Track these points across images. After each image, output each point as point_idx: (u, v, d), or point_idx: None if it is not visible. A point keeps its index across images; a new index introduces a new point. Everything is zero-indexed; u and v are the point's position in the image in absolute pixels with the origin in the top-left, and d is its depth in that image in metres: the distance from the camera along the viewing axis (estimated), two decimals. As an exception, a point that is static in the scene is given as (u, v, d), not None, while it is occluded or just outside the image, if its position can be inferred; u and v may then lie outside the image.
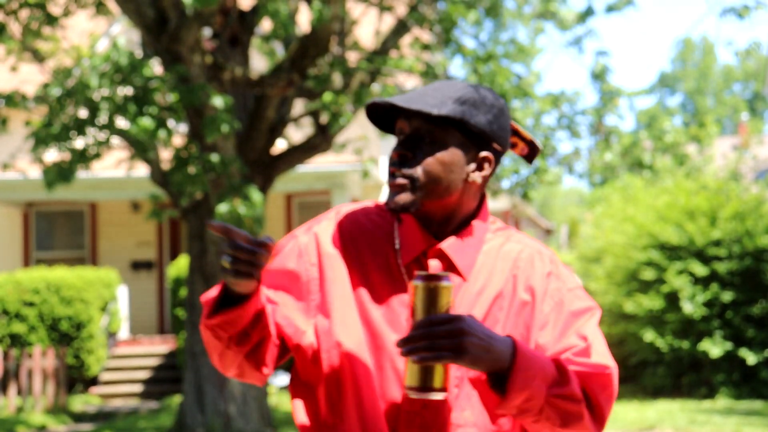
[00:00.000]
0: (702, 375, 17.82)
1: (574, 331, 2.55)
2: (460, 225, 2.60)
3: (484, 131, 2.56)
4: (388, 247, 2.61)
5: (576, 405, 2.42)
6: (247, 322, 2.48)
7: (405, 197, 2.51)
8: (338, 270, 2.60)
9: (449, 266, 2.56)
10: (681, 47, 68.43)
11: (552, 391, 2.39)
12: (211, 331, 2.49)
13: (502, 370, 2.35)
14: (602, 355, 2.52)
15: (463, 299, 2.54)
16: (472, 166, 2.57)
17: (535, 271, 2.59)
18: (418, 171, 2.51)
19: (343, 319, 2.55)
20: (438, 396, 2.34)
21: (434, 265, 2.53)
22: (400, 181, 2.51)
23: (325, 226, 2.66)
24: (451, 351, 2.27)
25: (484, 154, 2.58)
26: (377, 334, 2.53)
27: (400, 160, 2.52)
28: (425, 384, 2.33)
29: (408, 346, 2.29)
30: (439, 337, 2.27)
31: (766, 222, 18.08)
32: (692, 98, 67.77)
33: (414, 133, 2.54)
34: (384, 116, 2.64)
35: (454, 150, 2.54)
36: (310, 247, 2.64)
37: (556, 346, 2.53)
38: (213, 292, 2.48)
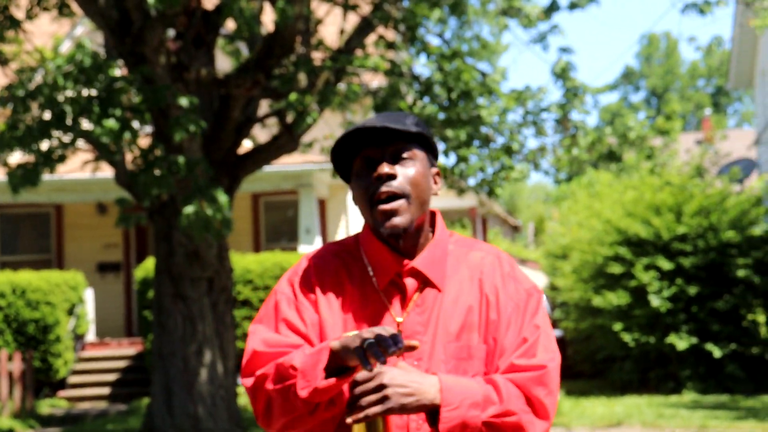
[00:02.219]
0: (669, 369, 17.94)
1: (526, 331, 2.71)
2: (423, 240, 2.75)
3: (436, 149, 2.77)
4: (364, 276, 2.75)
5: (512, 418, 2.59)
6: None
7: (403, 218, 2.66)
8: (321, 312, 2.74)
9: (424, 281, 2.71)
10: (645, 43, 68.71)
11: (487, 413, 2.56)
12: (309, 396, 2.56)
13: (435, 408, 2.53)
14: (544, 351, 2.69)
15: (442, 309, 2.71)
16: (431, 181, 2.76)
17: (496, 274, 2.77)
18: (407, 187, 2.66)
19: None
20: None
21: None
22: (397, 203, 2.65)
23: (297, 279, 2.80)
24: (378, 403, 2.47)
25: (435, 170, 2.79)
26: None
27: (387, 178, 2.65)
28: None
29: (346, 411, 2.51)
30: (364, 395, 2.48)
31: (729, 217, 18.22)
32: (656, 94, 68.09)
33: (394, 152, 2.68)
34: (343, 154, 2.76)
35: (425, 166, 2.72)
36: (298, 297, 2.77)
37: (513, 349, 2.70)
38: (310, 359, 2.57)
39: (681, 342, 17.43)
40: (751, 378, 17.69)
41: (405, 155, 2.68)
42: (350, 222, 22.09)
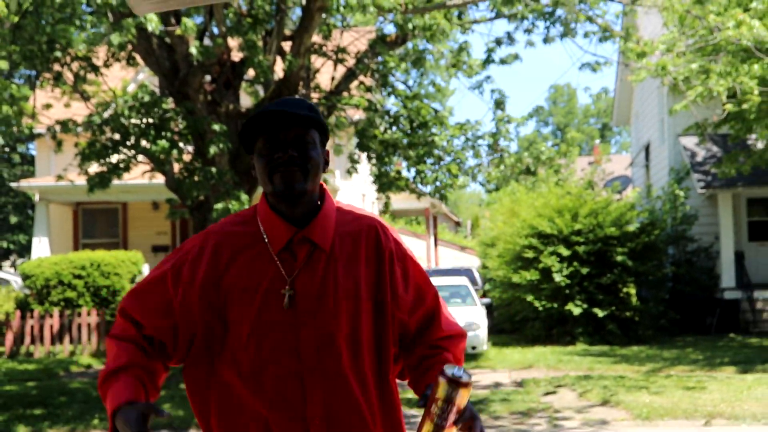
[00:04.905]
0: (566, 328, 17.96)
1: (428, 293, 2.44)
2: (312, 208, 2.38)
3: (327, 132, 2.42)
4: (258, 243, 2.35)
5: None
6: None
7: (300, 185, 2.31)
8: (206, 274, 2.34)
9: (313, 246, 2.34)
10: (552, 91, 68.99)
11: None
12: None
13: None
14: (448, 315, 2.48)
15: (327, 266, 2.33)
16: (323, 159, 2.39)
17: (379, 236, 2.40)
18: (306, 165, 2.31)
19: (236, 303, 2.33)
20: None
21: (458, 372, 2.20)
22: (293, 171, 2.29)
23: (192, 247, 2.40)
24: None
25: (326, 150, 2.43)
26: (261, 311, 2.31)
27: (290, 159, 2.30)
28: None
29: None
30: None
31: (612, 217, 18.28)
32: (559, 128, 68.37)
33: (294, 135, 2.32)
34: (251, 132, 2.36)
35: (318, 147, 2.36)
36: (183, 268, 2.37)
37: (417, 303, 2.41)
38: (109, 406, 2.24)
39: (576, 308, 17.45)
40: (624, 334, 17.73)
41: (302, 138, 2.32)
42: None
